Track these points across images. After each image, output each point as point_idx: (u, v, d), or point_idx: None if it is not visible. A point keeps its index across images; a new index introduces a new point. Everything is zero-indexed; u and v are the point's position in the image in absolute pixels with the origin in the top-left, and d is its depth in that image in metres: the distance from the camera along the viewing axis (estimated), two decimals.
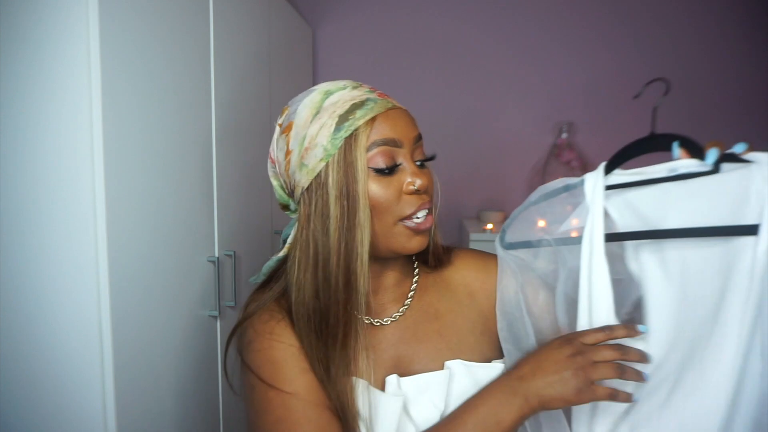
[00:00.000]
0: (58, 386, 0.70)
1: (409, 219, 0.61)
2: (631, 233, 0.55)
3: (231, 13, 1.11)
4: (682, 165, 0.52)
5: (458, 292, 0.73)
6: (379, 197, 0.60)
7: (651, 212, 0.54)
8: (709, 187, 0.50)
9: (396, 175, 0.61)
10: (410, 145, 0.62)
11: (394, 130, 0.60)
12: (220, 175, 1.04)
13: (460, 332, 0.70)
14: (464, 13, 2.07)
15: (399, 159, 0.61)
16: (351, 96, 0.61)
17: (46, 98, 0.66)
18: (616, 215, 0.57)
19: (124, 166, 0.73)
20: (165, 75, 0.83)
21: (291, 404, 0.59)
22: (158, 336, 0.82)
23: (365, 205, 0.59)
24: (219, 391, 1.04)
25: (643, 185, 0.54)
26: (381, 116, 0.60)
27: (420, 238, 0.63)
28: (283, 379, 0.61)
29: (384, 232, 0.61)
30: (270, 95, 1.42)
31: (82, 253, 0.68)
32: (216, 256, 1.02)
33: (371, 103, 0.60)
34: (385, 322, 0.69)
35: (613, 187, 0.57)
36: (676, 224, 0.51)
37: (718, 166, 0.49)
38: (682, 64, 2.00)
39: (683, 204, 0.51)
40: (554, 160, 1.95)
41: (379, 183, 0.60)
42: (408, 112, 0.65)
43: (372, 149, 0.59)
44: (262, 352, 0.63)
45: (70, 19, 0.65)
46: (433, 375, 0.65)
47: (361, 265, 0.59)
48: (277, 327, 0.64)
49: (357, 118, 0.59)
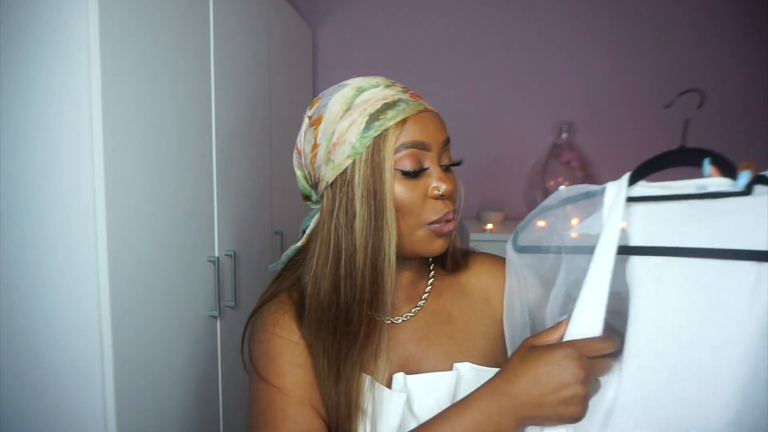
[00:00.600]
0: (58, 386, 0.70)
1: (437, 224, 0.62)
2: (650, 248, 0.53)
3: (231, 13, 1.11)
4: (713, 183, 0.50)
5: (473, 297, 0.73)
6: (404, 199, 0.60)
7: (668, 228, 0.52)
8: (740, 208, 0.48)
9: (422, 179, 0.61)
10: (438, 149, 0.62)
11: (424, 134, 0.60)
12: (220, 175, 1.04)
13: (472, 336, 0.69)
14: (464, 13, 2.07)
15: (426, 162, 0.61)
16: (384, 95, 0.61)
17: (46, 98, 0.66)
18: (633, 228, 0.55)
19: (124, 166, 0.73)
20: (165, 75, 0.83)
21: (274, 398, 0.60)
22: (158, 336, 0.82)
23: (392, 206, 0.59)
24: (219, 391, 1.04)
25: (669, 200, 0.52)
26: (412, 118, 0.60)
27: (442, 241, 0.63)
28: (273, 373, 0.61)
29: (408, 234, 0.62)
30: (270, 95, 1.42)
31: (82, 253, 0.68)
32: (216, 256, 1.02)
33: (403, 104, 0.60)
34: (396, 320, 0.69)
35: (636, 198, 0.55)
36: (697, 243, 0.49)
37: (751, 188, 0.47)
38: (684, 64, 2.00)
39: (710, 223, 0.49)
40: (554, 160, 1.95)
41: (405, 185, 0.60)
42: (438, 115, 0.64)
43: (400, 151, 0.59)
44: (263, 343, 0.64)
45: (70, 19, 0.65)
46: (441, 375, 0.65)
47: (389, 265, 0.60)
48: (281, 319, 0.65)
49: (388, 119, 0.59)
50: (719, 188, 0.49)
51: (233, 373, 1.10)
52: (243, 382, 1.15)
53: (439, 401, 0.64)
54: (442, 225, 0.62)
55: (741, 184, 0.47)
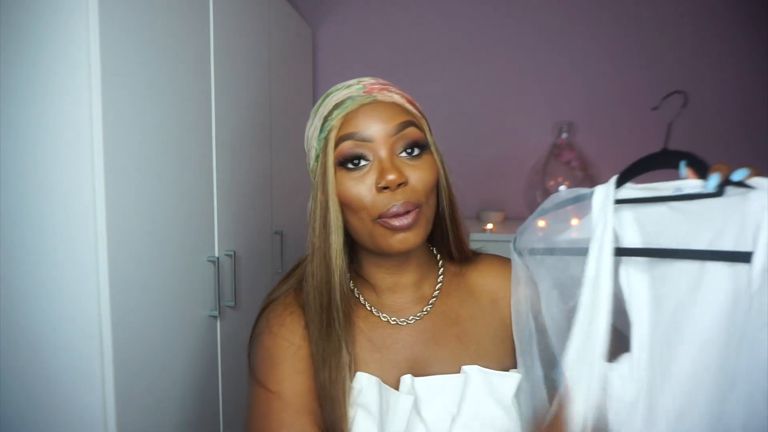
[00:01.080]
0: (58, 386, 0.70)
1: (386, 218, 0.59)
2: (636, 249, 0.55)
3: (231, 13, 1.11)
4: (688, 185, 0.52)
5: (482, 299, 0.72)
6: (348, 195, 0.60)
7: (655, 229, 0.54)
8: (711, 210, 0.50)
9: (368, 172, 0.60)
10: (386, 139, 0.59)
11: (363, 124, 0.59)
12: (220, 174, 1.04)
13: (480, 339, 0.69)
14: (464, 13, 2.07)
15: (368, 154, 0.59)
16: (339, 96, 0.62)
17: (46, 98, 0.66)
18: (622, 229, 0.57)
19: (124, 167, 0.73)
20: (165, 75, 0.83)
21: (272, 404, 0.60)
22: (158, 336, 0.82)
23: (335, 202, 0.60)
24: (219, 391, 1.04)
25: (652, 202, 0.54)
26: (353, 112, 0.60)
27: (403, 236, 0.59)
28: (273, 378, 0.62)
29: (364, 231, 0.61)
30: (270, 95, 1.42)
31: (82, 253, 0.68)
32: (216, 256, 1.02)
33: (349, 101, 0.61)
34: (402, 323, 0.68)
35: (622, 201, 0.57)
36: (677, 244, 0.51)
37: (722, 189, 0.49)
38: (683, 65, 2.00)
39: (686, 224, 0.51)
40: (554, 160, 1.95)
41: (349, 180, 0.60)
42: (393, 103, 0.62)
43: (338, 144, 0.60)
44: (266, 347, 0.64)
45: (70, 19, 0.65)
46: (449, 378, 0.65)
47: (335, 261, 0.61)
48: (287, 320, 0.65)
49: (333, 118, 0.61)
50: (693, 190, 0.51)
51: (233, 373, 1.10)
52: (243, 382, 1.15)
53: (446, 404, 0.63)
54: (393, 219, 0.58)
55: (710, 186, 0.49)
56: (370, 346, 0.66)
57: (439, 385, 0.64)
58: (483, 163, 2.10)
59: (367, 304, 0.69)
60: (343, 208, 0.61)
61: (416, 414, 0.63)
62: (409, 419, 0.61)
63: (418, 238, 0.60)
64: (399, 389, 0.64)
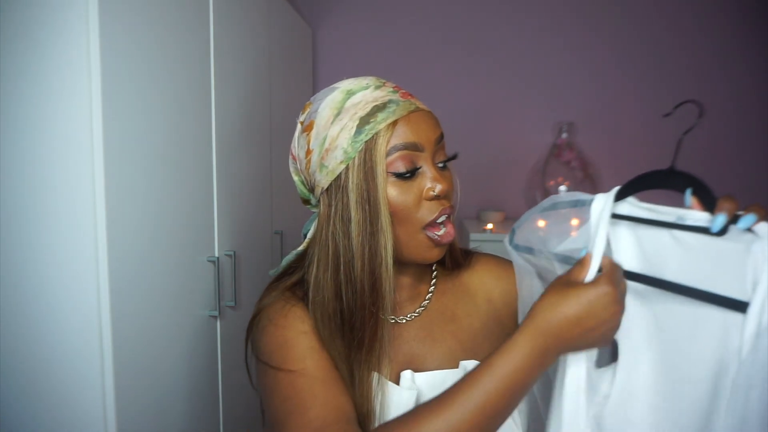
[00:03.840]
0: (58, 386, 0.70)
1: (432, 228, 0.61)
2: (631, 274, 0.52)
3: (231, 13, 1.11)
4: (691, 217, 0.49)
5: (477, 297, 0.73)
6: (398, 202, 0.59)
7: (654, 254, 0.52)
8: (712, 250, 0.47)
9: (416, 180, 0.60)
10: (432, 148, 0.61)
11: (416, 134, 0.59)
12: (220, 174, 1.04)
13: (476, 335, 0.70)
14: (464, 13, 2.07)
15: (420, 163, 0.60)
16: (373, 97, 0.60)
17: (46, 98, 0.66)
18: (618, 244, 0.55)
19: (124, 166, 0.73)
20: (165, 75, 0.83)
21: (297, 382, 0.58)
22: (158, 336, 0.82)
23: (386, 210, 0.59)
24: (219, 391, 1.04)
25: (652, 225, 0.52)
26: (403, 119, 0.59)
27: (440, 250, 0.64)
28: (292, 359, 0.60)
29: (407, 240, 0.62)
30: (270, 95, 1.42)
31: (82, 253, 0.68)
32: (216, 256, 1.02)
33: (393, 106, 0.59)
34: (401, 320, 0.69)
35: (622, 216, 0.55)
36: (674, 275, 0.49)
37: (726, 229, 0.46)
38: (684, 65, 2.00)
39: (686, 258, 0.49)
40: (554, 160, 1.95)
41: (399, 188, 0.59)
42: (431, 113, 0.64)
43: (392, 153, 0.59)
44: (274, 336, 0.63)
45: (70, 19, 0.65)
46: (448, 373, 0.66)
47: (386, 270, 0.59)
48: (291, 311, 0.64)
49: (378, 121, 0.58)
50: (696, 223, 0.49)
51: (233, 373, 1.10)
52: (243, 382, 1.15)
53: None
54: (441, 236, 0.62)
55: (716, 227, 0.46)
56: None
57: (439, 379, 0.65)
58: (483, 163, 2.10)
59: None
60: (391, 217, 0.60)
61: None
62: None
63: (445, 250, 0.66)
64: (399, 384, 0.64)
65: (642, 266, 0.53)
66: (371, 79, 0.63)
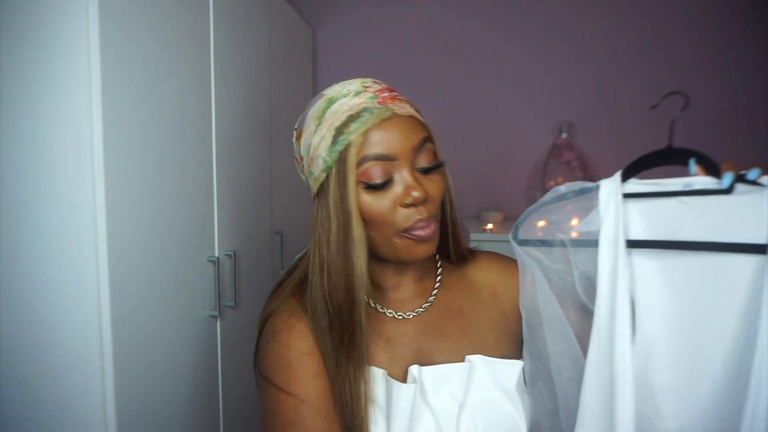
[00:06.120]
0: (58, 386, 0.70)
1: (409, 231, 0.61)
2: (652, 242, 0.56)
3: (231, 13, 1.11)
4: (698, 182, 0.54)
5: (482, 292, 0.74)
6: (372, 211, 0.59)
7: (665, 223, 0.56)
8: (723, 205, 0.52)
9: (392, 188, 0.60)
10: (408, 155, 0.60)
11: (388, 143, 0.58)
12: (220, 174, 1.04)
13: (482, 330, 0.71)
14: (464, 13, 2.07)
15: (394, 172, 0.59)
16: (350, 105, 0.60)
17: (46, 98, 0.66)
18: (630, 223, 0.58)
19: (124, 166, 0.73)
20: (165, 75, 0.83)
21: (301, 409, 0.59)
22: (158, 336, 0.82)
23: (358, 221, 0.59)
24: (219, 391, 1.04)
25: (660, 196, 0.56)
26: (375, 128, 0.58)
27: (425, 246, 0.62)
28: (295, 383, 0.61)
29: (386, 244, 0.62)
30: (270, 95, 1.42)
31: (82, 253, 0.68)
32: (216, 256, 1.02)
33: (366, 115, 0.59)
34: (408, 315, 0.70)
35: (629, 195, 0.58)
36: (689, 236, 0.53)
37: (733, 186, 0.51)
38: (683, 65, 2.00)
39: (699, 218, 0.53)
40: (554, 160, 1.95)
41: (373, 197, 0.59)
42: (412, 117, 0.62)
43: (363, 164, 0.58)
44: (278, 354, 0.64)
45: (70, 19, 0.65)
46: (454, 366, 0.67)
47: (359, 279, 0.59)
48: (295, 327, 0.65)
49: (350, 132, 0.58)
50: (704, 186, 0.53)
51: (233, 373, 1.10)
52: (243, 382, 1.15)
53: (453, 391, 0.65)
54: (419, 232, 0.61)
55: (726, 183, 0.51)
56: (378, 341, 0.67)
57: (445, 373, 0.66)
58: (483, 163, 2.10)
59: (371, 301, 0.69)
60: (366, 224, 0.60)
61: (423, 402, 0.64)
62: (414, 407, 0.63)
63: (435, 246, 0.64)
64: (407, 380, 0.65)
65: (657, 235, 0.56)
66: (355, 84, 0.63)
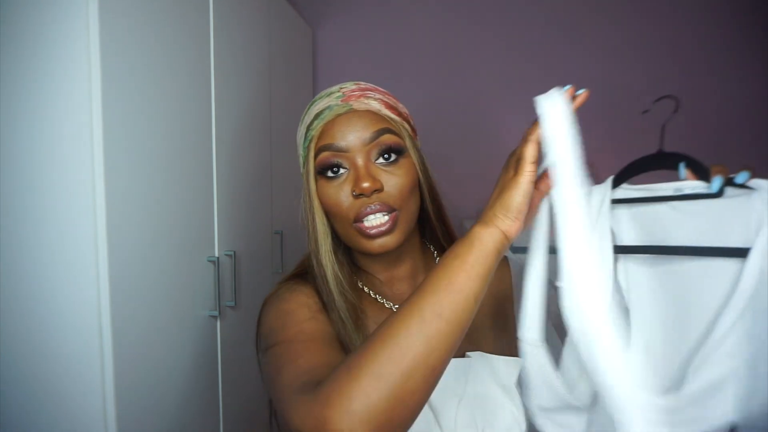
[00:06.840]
0: (58, 386, 0.70)
1: (360, 222, 0.62)
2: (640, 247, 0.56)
3: (231, 13, 1.11)
4: (688, 186, 0.54)
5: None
6: (329, 202, 0.63)
7: (655, 228, 0.56)
8: (713, 209, 0.52)
9: (346, 179, 0.63)
10: (361, 147, 0.62)
11: (339, 135, 0.62)
12: (220, 175, 1.04)
13: (481, 327, 0.72)
14: (464, 13, 2.07)
15: (345, 163, 0.62)
16: (319, 107, 0.64)
17: (46, 98, 0.66)
18: (619, 227, 0.58)
19: (124, 167, 0.73)
20: (165, 75, 0.83)
21: (293, 343, 0.58)
22: (158, 336, 0.82)
23: (319, 209, 0.65)
24: (219, 391, 1.04)
25: (650, 202, 0.56)
26: (330, 123, 0.63)
27: (383, 240, 0.62)
28: (291, 323, 0.61)
29: (345, 234, 0.65)
30: (270, 95, 1.42)
31: (82, 253, 0.68)
32: (216, 256, 1.02)
33: (327, 112, 0.63)
34: None
35: (619, 201, 0.59)
36: (680, 241, 0.53)
37: (723, 190, 0.51)
38: (682, 67, 2.00)
39: (689, 222, 0.53)
40: None
41: (328, 187, 0.63)
42: (368, 111, 0.63)
43: (318, 155, 0.63)
44: (278, 306, 0.65)
45: (70, 19, 0.65)
46: (454, 361, 0.66)
47: (328, 268, 0.65)
48: (297, 288, 0.67)
49: (313, 128, 0.64)
50: (694, 190, 0.53)
51: (233, 373, 1.10)
52: (243, 382, 1.15)
53: (452, 387, 0.65)
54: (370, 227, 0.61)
55: (715, 187, 0.51)
56: None
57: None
58: (483, 163, 2.09)
59: (372, 293, 0.70)
60: (327, 213, 0.65)
61: None
62: None
63: (396, 240, 0.63)
64: None
65: (647, 240, 0.57)
66: (334, 87, 0.67)
